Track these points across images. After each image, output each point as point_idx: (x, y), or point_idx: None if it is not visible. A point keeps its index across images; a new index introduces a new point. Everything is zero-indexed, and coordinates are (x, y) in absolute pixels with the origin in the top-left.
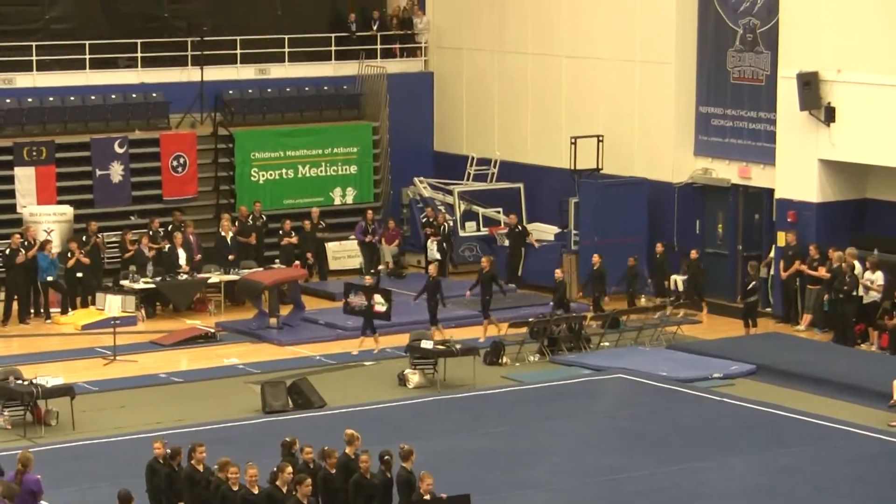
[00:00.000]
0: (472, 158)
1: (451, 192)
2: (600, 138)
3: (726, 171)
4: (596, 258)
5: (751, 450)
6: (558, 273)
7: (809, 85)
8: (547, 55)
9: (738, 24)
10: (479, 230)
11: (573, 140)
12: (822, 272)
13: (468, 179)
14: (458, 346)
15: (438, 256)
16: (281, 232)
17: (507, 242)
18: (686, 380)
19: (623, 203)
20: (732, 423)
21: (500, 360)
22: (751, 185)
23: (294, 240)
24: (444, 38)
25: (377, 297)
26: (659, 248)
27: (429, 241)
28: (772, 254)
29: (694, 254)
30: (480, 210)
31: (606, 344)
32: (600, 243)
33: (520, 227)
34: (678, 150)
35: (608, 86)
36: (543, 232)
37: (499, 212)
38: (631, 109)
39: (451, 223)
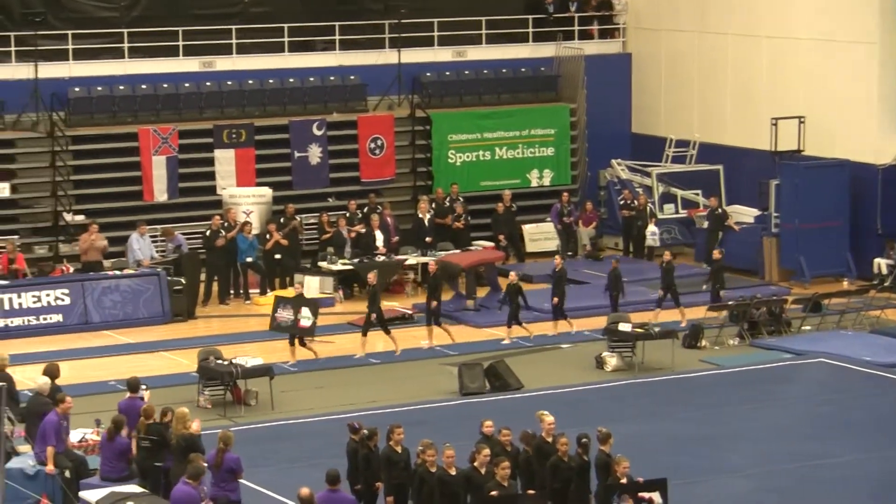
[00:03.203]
0: (671, 140)
1: (649, 175)
2: (802, 119)
3: None
4: (716, 253)
5: None
6: (716, 254)
7: None
8: (748, 35)
9: None
10: (677, 213)
11: (774, 121)
12: None
13: (666, 161)
14: (656, 329)
15: (659, 243)
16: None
17: (705, 225)
18: (890, 365)
19: (825, 185)
20: None
21: (699, 344)
22: None
23: (460, 224)
24: (643, 19)
25: (304, 311)
26: (717, 254)
27: (648, 227)
28: None
29: (717, 254)
30: (679, 192)
31: (808, 328)
32: (801, 227)
33: (720, 210)
34: (882, 131)
35: (810, 66)
36: (743, 214)
37: (697, 194)
38: (833, 90)
39: (651, 205)
